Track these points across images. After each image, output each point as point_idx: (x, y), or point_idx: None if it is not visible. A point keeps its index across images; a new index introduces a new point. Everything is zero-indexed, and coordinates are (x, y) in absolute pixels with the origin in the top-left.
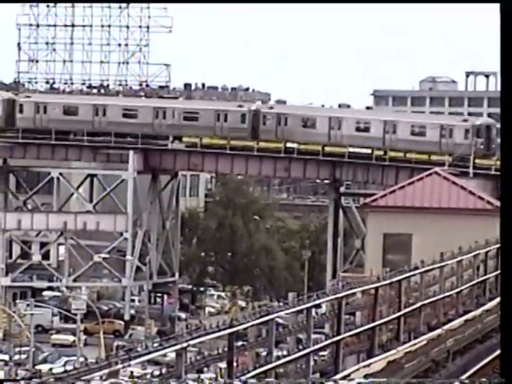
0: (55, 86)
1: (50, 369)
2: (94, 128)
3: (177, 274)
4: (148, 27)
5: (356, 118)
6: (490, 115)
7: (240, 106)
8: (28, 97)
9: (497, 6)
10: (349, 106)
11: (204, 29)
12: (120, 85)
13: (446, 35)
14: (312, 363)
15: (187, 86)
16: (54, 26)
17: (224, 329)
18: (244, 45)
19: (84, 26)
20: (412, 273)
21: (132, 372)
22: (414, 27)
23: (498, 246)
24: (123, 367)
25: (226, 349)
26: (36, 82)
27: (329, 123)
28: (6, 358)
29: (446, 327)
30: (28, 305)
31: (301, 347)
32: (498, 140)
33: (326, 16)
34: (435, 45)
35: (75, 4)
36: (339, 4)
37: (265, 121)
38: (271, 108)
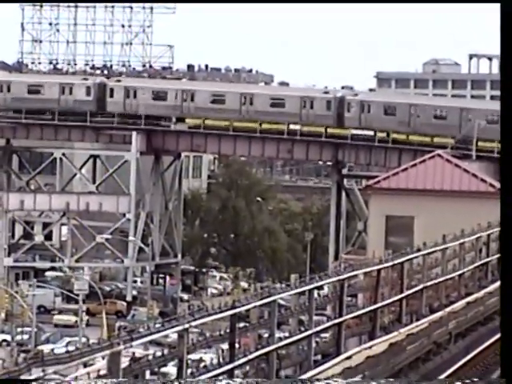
0: (58, 66)
1: (52, 349)
2: (182, 113)
3: (179, 255)
4: (152, 8)
5: (433, 106)
6: (492, 98)
7: (326, 93)
8: (118, 81)
9: (497, 6)
10: (352, 88)
11: (207, 10)
12: (123, 66)
13: (450, 18)
14: (314, 345)
15: (190, 67)
16: (58, 6)
17: (226, 310)
18: (248, 30)
19: (87, 6)
20: (414, 255)
21: (134, 353)
22: (417, 14)
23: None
24: (125, 348)
25: (227, 330)
26: (39, 63)
27: (409, 111)
28: (9, 338)
29: (447, 309)
30: (30, 285)
31: (303, 329)
32: None
33: (331, 7)
34: (439, 28)
35: None
36: (345, 4)
37: (349, 108)
38: (356, 95)
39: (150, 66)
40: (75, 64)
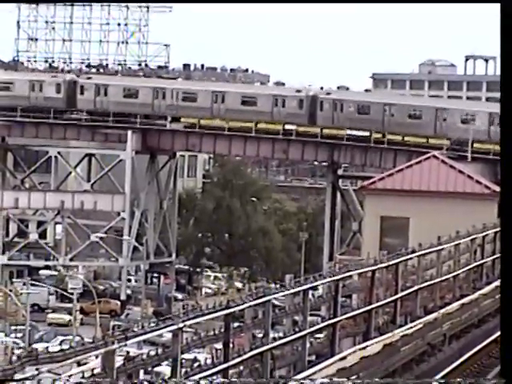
0: (54, 64)
1: (46, 348)
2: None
3: (174, 255)
4: (148, 7)
5: None
6: (488, 99)
7: None
8: (328, 94)
9: (495, 6)
10: (348, 89)
11: (203, 9)
12: (119, 64)
13: (446, 19)
14: (308, 345)
15: (186, 66)
16: (54, 4)
17: (220, 310)
18: (245, 30)
19: (84, 4)
20: (409, 256)
21: (128, 352)
22: (414, 16)
23: (496, 230)
24: (119, 347)
25: (222, 330)
26: (35, 61)
27: None
28: (2, 336)
29: (442, 311)
30: (24, 283)
31: (297, 329)
32: None
33: (327, 8)
34: (435, 29)
35: None
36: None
37: None
38: None
39: (146, 65)
40: (71, 62)
